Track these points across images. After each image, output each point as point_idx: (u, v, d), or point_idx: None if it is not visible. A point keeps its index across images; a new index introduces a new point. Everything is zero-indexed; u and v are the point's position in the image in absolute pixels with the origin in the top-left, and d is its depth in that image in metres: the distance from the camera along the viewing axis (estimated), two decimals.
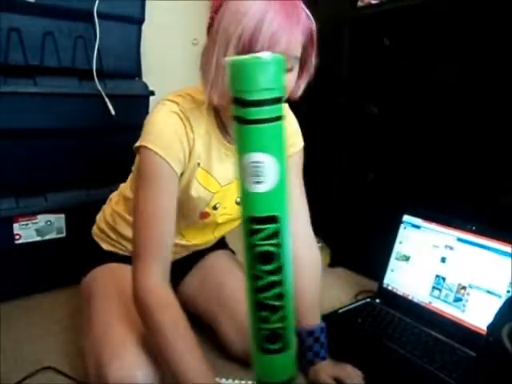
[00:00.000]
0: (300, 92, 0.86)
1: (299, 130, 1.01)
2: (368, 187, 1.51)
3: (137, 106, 1.44)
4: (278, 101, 0.48)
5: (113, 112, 1.36)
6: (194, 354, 0.75)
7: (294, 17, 0.72)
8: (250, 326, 0.59)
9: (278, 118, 0.48)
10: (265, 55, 0.46)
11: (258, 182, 0.49)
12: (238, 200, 0.96)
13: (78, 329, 1.11)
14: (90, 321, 0.92)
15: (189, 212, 0.94)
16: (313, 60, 0.82)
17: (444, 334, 1.07)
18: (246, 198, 0.52)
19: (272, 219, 0.51)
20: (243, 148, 0.49)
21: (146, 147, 0.81)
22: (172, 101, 0.84)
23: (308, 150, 1.01)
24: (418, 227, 1.25)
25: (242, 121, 0.47)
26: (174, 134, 0.82)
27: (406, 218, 1.28)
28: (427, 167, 1.33)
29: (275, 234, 0.52)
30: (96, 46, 1.33)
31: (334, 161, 1.62)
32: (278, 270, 0.54)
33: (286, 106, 0.99)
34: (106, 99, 1.35)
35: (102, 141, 1.39)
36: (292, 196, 0.99)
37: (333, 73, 1.54)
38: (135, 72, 1.49)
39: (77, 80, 1.33)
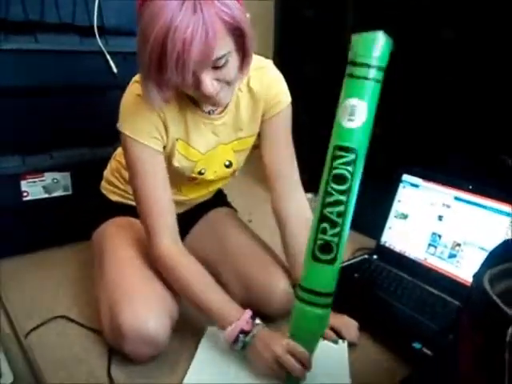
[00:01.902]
0: (247, 73, 0.84)
1: (285, 87, 0.98)
2: (367, 146, 1.51)
3: None
4: (380, 69, 0.66)
5: (115, 69, 1.36)
6: (220, 292, 0.89)
7: (204, 24, 0.68)
8: (309, 237, 0.73)
9: (378, 81, 0.66)
10: (379, 33, 0.64)
11: (351, 120, 0.67)
12: (227, 163, 1.02)
13: (88, 282, 1.16)
14: (102, 272, 0.97)
15: (176, 177, 0.99)
16: (250, 46, 0.78)
17: (437, 289, 1.12)
18: (339, 131, 0.69)
19: (353, 150, 0.68)
20: (347, 94, 0.68)
21: (123, 133, 0.87)
22: (139, 82, 0.85)
23: (309, 108, 1.02)
24: (417, 186, 1.27)
25: (352, 76, 0.66)
26: (144, 116, 0.86)
27: (405, 177, 1.30)
28: (427, 126, 1.33)
29: (352, 162, 0.68)
30: (96, 1, 1.30)
31: (334, 118, 1.61)
32: (346, 192, 0.69)
33: (270, 63, 0.98)
34: (108, 56, 1.34)
35: (105, 98, 1.39)
36: (280, 155, 1.00)
37: (338, 29, 1.51)
38: (136, 29, 1.46)
39: (78, 37, 1.31)
